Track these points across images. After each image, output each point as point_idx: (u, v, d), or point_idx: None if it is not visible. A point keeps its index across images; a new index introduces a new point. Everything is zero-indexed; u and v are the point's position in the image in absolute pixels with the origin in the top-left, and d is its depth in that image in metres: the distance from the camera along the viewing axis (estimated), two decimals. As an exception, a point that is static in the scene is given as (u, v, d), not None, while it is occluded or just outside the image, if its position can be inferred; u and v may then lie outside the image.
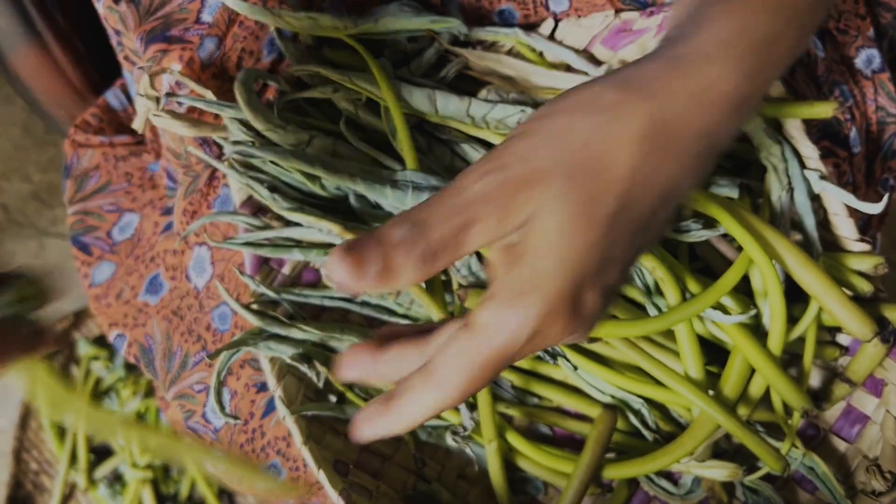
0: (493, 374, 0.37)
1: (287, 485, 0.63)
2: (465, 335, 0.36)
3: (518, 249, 0.36)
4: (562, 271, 0.36)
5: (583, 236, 0.36)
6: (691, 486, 0.64)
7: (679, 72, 0.38)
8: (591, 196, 0.36)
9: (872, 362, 0.60)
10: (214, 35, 0.57)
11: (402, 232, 0.35)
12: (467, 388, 0.36)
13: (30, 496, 1.14)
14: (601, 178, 0.36)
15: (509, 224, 0.36)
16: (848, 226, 0.61)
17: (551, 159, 0.36)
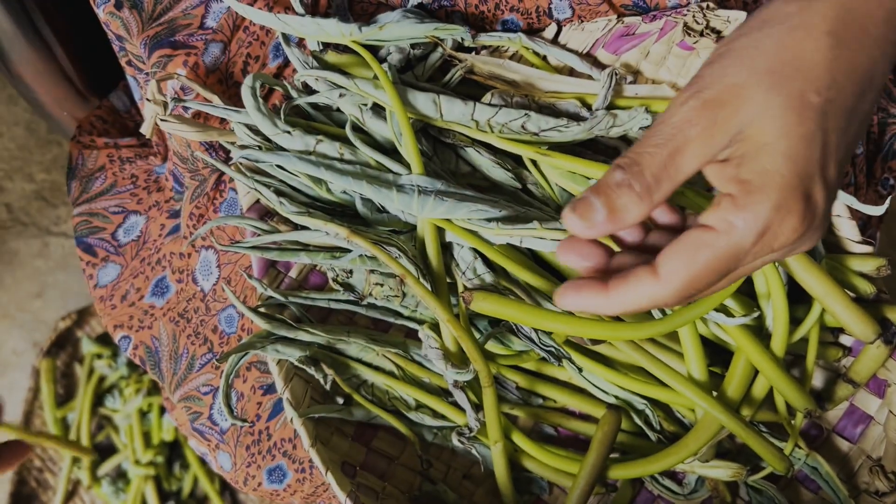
0: (718, 275, 0.38)
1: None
2: (691, 234, 0.37)
3: (736, 160, 0.37)
4: (786, 165, 0.36)
5: (798, 129, 0.37)
6: (695, 486, 0.65)
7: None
8: (796, 93, 0.37)
9: (875, 363, 0.61)
10: (219, 40, 0.57)
11: (619, 175, 0.37)
12: (690, 285, 0.37)
13: (34, 493, 1.15)
14: (801, 77, 0.37)
15: (717, 141, 0.37)
16: (850, 227, 0.61)
17: (746, 72, 0.37)
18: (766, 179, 0.37)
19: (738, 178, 0.37)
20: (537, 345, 0.61)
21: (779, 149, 0.37)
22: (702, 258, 0.37)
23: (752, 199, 0.37)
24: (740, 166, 0.37)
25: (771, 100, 0.37)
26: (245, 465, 0.65)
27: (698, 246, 0.37)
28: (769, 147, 0.37)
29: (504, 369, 0.65)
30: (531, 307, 0.51)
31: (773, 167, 0.37)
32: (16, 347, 1.21)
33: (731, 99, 0.37)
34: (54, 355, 1.18)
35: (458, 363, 0.61)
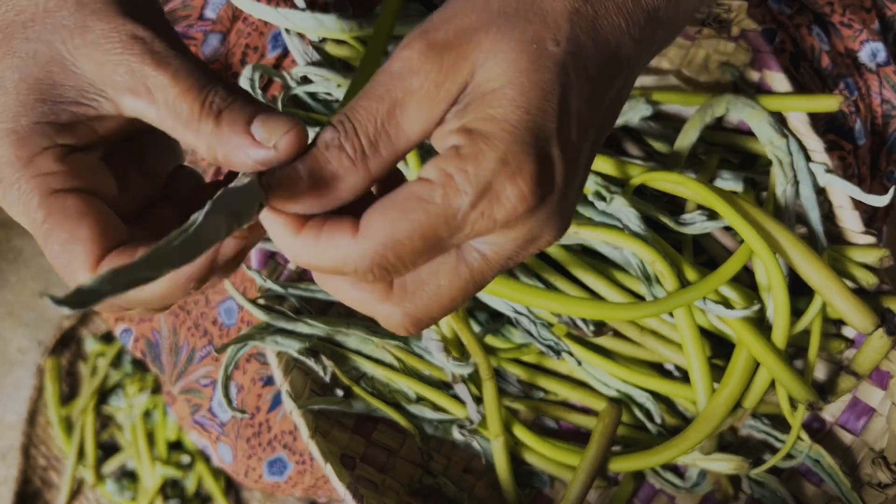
0: (427, 240, 0.31)
1: None
2: (404, 187, 0.32)
3: (460, 110, 0.32)
4: (516, 114, 0.31)
5: (533, 76, 0.32)
6: (697, 479, 0.64)
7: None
8: (531, 37, 0.32)
9: (878, 354, 0.60)
10: (218, 31, 0.58)
11: (329, 134, 0.32)
12: (389, 246, 0.31)
13: (38, 492, 1.15)
14: (539, 21, 0.32)
15: (444, 93, 0.32)
16: (853, 218, 0.61)
17: (478, 13, 0.32)
18: (492, 127, 0.31)
19: (461, 127, 0.31)
20: (536, 339, 0.61)
21: (509, 95, 0.31)
22: (409, 215, 0.31)
23: (476, 149, 0.31)
24: (464, 114, 0.31)
25: (503, 42, 0.32)
26: (246, 458, 0.65)
27: (408, 199, 0.31)
28: (498, 93, 0.31)
29: (505, 362, 0.65)
30: (521, 284, 0.51)
31: (501, 115, 0.31)
32: (20, 346, 1.22)
33: (460, 42, 0.32)
34: (59, 354, 1.18)
35: (458, 356, 0.61)
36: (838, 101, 0.58)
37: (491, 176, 0.31)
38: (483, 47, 0.32)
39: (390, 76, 0.32)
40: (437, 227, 0.31)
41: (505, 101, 0.31)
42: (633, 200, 0.59)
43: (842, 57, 0.66)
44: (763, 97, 0.61)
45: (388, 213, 0.31)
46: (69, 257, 0.32)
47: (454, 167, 0.31)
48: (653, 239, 0.58)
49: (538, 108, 0.31)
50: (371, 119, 0.31)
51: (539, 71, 0.31)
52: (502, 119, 0.31)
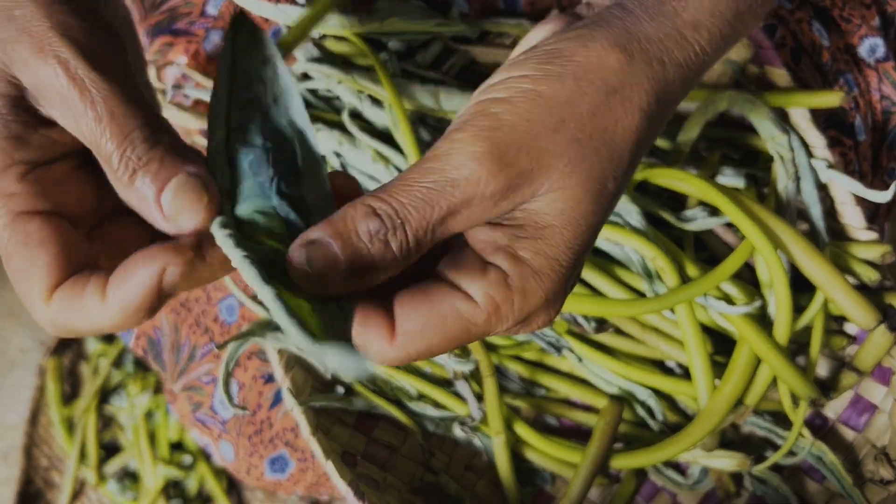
0: (456, 346, 0.32)
1: None
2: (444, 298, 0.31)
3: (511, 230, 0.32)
4: (566, 255, 0.32)
5: (589, 219, 0.32)
6: (699, 477, 0.64)
7: (675, 38, 0.34)
8: (598, 176, 0.32)
9: (880, 351, 0.60)
10: (220, 27, 0.58)
11: (374, 225, 0.30)
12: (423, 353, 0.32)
13: (40, 492, 1.15)
14: (607, 154, 0.32)
15: (500, 209, 0.32)
16: (855, 214, 0.61)
17: (556, 136, 0.31)
18: (543, 267, 0.32)
19: (512, 252, 0.31)
20: (537, 336, 0.61)
21: (565, 236, 0.32)
22: (448, 333, 0.31)
23: (525, 285, 0.31)
24: (517, 240, 0.31)
25: (570, 177, 0.31)
26: (247, 455, 0.65)
27: (450, 318, 0.31)
28: (556, 231, 0.32)
29: (506, 359, 0.65)
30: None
31: (553, 254, 0.32)
32: (22, 346, 1.22)
33: (531, 166, 0.31)
34: (60, 354, 1.18)
35: (459, 353, 0.61)
36: (840, 97, 0.58)
37: (533, 309, 0.32)
38: (551, 176, 0.31)
39: (452, 184, 0.31)
40: (472, 339, 0.32)
41: (560, 242, 0.32)
42: (635, 197, 0.59)
43: (841, 52, 0.66)
44: (764, 93, 0.61)
45: (429, 328, 0.31)
46: (27, 286, 0.31)
47: (502, 298, 0.31)
48: (654, 235, 0.58)
49: (585, 245, 0.32)
50: (424, 222, 0.31)
51: (596, 213, 0.32)
52: (554, 258, 0.32)
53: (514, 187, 0.31)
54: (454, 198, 0.31)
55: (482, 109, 0.32)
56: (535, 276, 0.31)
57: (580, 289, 0.59)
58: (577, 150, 0.32)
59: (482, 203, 0.31)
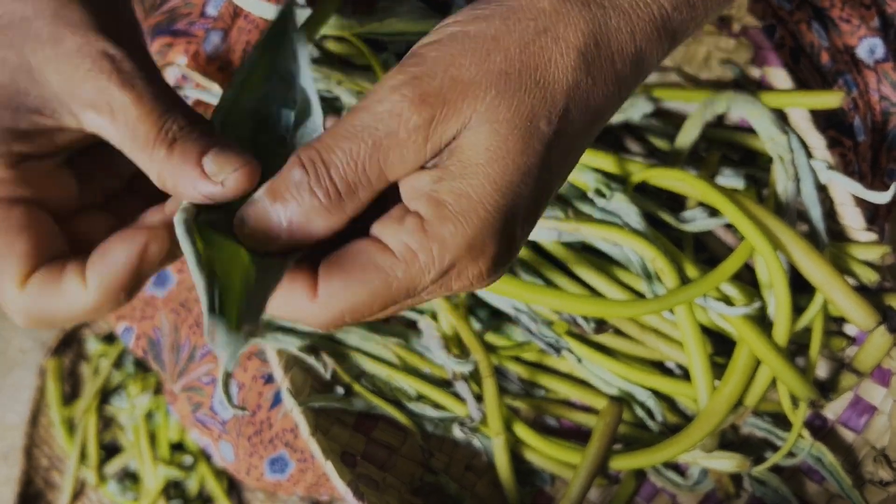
0: (384, 306, 0.31)
1: None
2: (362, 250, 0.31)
3: (440, 171, 0.31)
4: (492, 197, 0.31)
5: (518, 159, 0.31)
6: (699, 478, 0.64)
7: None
8: (527, 112, 0.31)
9: (880, 352, 0.60)
10: (220, 28, 0.58)
11: (298, 174, 0.30)
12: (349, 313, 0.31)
13: (40, 493, 1.15)
14: (539, 94, 0.31)
15: (431, 145, 0.31)
16: (855, 215, 0.61)
17: (481, 67, 0.31)
18: (465, 207, 0.30)
19: (433, 195, 0.31)
20: (536, 336, 0.61)
21: (490, 174, 0.30)
22: (370, 286, 0.30)
23: (444, 230, 0.30)
24: (440, 182, 0.31)
25: (498, 110, 0.30)
26: (247, 456, 0.65)
27: (368, 270, 0.31)
28: (479, 169, 0.30)
29: (505, 360, 0.65)
30: (521, 282, 0.51)
31: (477, 195, 0.30)
32: (22, 346, 1.22)
33: (454, 96, 0.30)
34: (61, 354, 1.18)
35: (458, 353, 0.61)
36: (840, 98, 0.58)
37: (455, 258, 0.31)
38: (477, 107, 0.31)
39: (375, 118, 0.30)
40: (397, 296, 0.31)
41: (484, 180, 0.30)
42: (634, 197, 0.59)
43: (840, 53, 0.66)
44: (764, 94, 0.61)
45: (348, 283, 0.31)
46: (1, 268, 0.32)
47: (418, 244, 0.30)
48: (653, 236, 0.58)
49: (515, 190, 0.31)
50: (351, 162, 0.30)
51: (525, 153, 0.31)
52: (477, 200, 0.30)
53: (439, 119, 0.30)
54: (378, 132, 0.30)
55: (411, 52, 0.32)
56: (454, 220, 0.30)
57: (580, 289, 0.59)
58: (504, 83, 0.31)
59: (409, 138, 0.30)
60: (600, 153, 0.58)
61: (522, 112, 0.31)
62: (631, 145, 0.64)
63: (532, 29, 0.31)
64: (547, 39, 0.31)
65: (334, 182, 0.30)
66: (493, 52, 0.31)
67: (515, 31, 0.31)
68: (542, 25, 0.31)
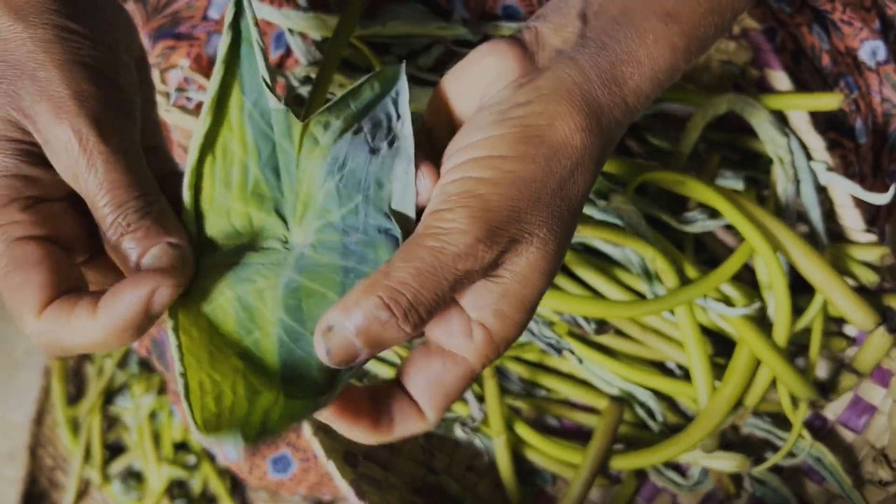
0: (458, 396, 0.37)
1: None
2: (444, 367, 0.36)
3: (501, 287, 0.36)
4: (538, 296, 0.37)
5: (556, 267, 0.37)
6: (699, 478, 0.64)
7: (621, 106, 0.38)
8: (567, 233, 0.37)
9: (879, 352, 0.60)
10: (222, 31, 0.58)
11: (384, 315, 0.33)
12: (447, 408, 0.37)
13: (45, 492, 1.15)
14: (572, 216, 0.37)
15: (493, 271, 0.36)
16: (854, 217, 0.61)
17: (534, 207, 0.36)
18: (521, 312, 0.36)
19: (498, 309, 0.36)
20: (537, 337, 0.61)
21: (538, 285, 0.36)
22: (461, 389, 0.37)
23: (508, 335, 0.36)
24: (502, 299, 0.36)
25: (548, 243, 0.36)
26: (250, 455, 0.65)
27: (458, 381, 0.36)
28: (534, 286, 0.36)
29: (506, 360, 0.65)
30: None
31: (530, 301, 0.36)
32: (27, 347, 1.22)
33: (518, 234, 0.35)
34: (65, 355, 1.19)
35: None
36: (839, 100, 0.58)
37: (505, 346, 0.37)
38: (534, 242, 0.36)
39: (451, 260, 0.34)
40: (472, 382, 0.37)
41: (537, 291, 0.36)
42: (635, 199, 0.59)
43: (842, 56, 0.66)
44: (764, 96, 0.61)
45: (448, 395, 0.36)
46: (21, 300, 0.34)
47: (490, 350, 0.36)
48: (654, 237, 0.58)
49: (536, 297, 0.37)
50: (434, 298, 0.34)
51: (559, 260, 0.37)
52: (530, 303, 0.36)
53: (503, 254, 0.35)
54: (458, 272, 0.34)
55: (470, 190, 0.35)
56: (514, 325, 0.36)
57: (581, 290, 0.60)
58: (550, 218, 0.36)
59: (479, 273, 0.35)
60: (601, 155, 0.58)
61: (564, 235, 0.37)
62: (632, 146, 0.65)
63: (569, 168, 0.36)
64: (578, 174, 0.37)
65: (421, 316, 0.34)
66: (542, 196, 0.36)
67: (557, 173, 0.36)
68: (575, 163, 0.37)
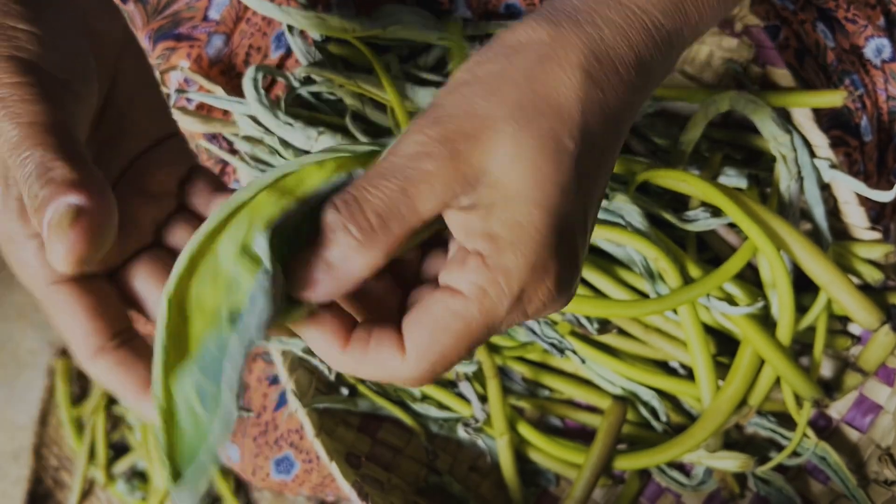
0: (470, 347, 0.33)
1: None
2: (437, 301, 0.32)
3: (483, 210, 0.32)
4: (542, 218, 0.32)
5: (554, 178, 0.32)
6: (703, 477, 0.64)
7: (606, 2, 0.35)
8: (550, 134, 0.32)
9: (884, 351, 0.60)
10: (222, 32, 0.58)
11: (332, 215, 0.31)
12: (439, 362, 0.33)
13: (50, 492, 1.16)
14: (554, 116, 0.33)
15: (459, 179, 0.32)
16: (858, 214, 0.61)
17: (494, 103, 0.32)
18: (519, 234, 0.31)
19: (487, 231, 0.32)
20: (540, 337, 0.61)
21: (534, 199, 0.32)
22: (452, 333, 0.32)
23: (505, 259, 0.31)
24: (489, 217, 0.32)
25: (522, 140, 0.32)
26: (253, 456, 0.65)
27: (447, 318, 0.32)
28: (522, 196, 0.32)
29: (509, 360, 0.65)
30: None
31: (527, 221, 0.32)
32: (31, 347, 1.22)
33: (476, 132, 0.32)
34: (69, 355, 1.19)
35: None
36: (842, 97, 0.58)
37: (523, 283, 0.32)
38: (502, 140, 0.32)
39: (402, 158, 0.32)
40: (479, 335, 0.32)
41: (530, 206, 0.32)
42: (637, 197, 0.59)
43: (847, 53, 0.66)
44: (767, 93, 0.61)
45: (432, 334, 0.32)
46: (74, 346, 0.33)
47: (486, 280, 0.31)
48: (656, 236, 0.58)
49: (559, 208, 0.32)
50: (383, 197, 0.31)
51: (559, 171, 0.32)
52: (528, 225, 0.31)
53: (463, 151, 0.32)
54: (407, 169, 0.31)
55: (430, 103, 0.34)
56: (512, 248, 0.32)
57: (583, 290, 0.59)
58: (520, 113, 0.32)
59: (437, 171, 0.31)
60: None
61: (545, 135, 0.32)
62: (634, 145, 0.64)
63: (534, 59, 0.33)
64: (551, 65, 0.33)
65: (367, 217, 0.31)
66: (503, 87, 0.33)
67: (519, 64, 0.33)
68: (543, 54, 0.33)
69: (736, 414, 0.59)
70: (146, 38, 0.59)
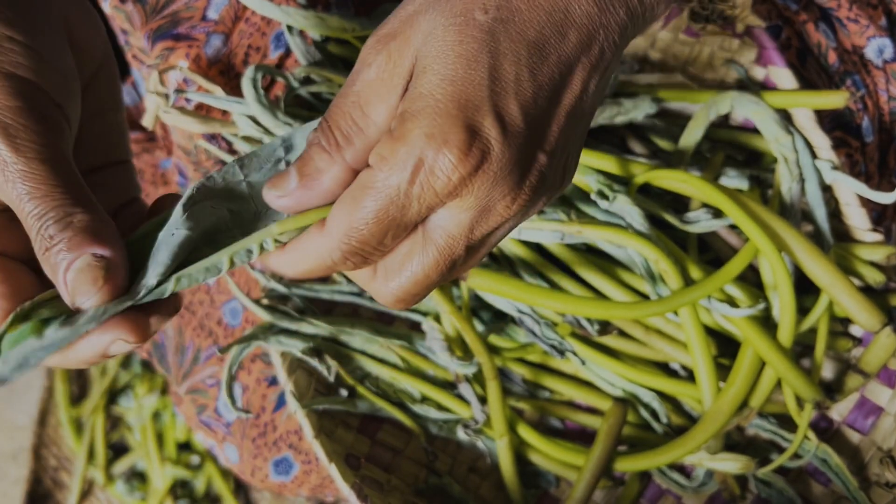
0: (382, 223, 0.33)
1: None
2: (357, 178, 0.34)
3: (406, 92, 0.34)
4: (441, 87, 0.32)
5: (458, 48, 0.32)
6: (704, 479, 0.64)
7: None
8: (459, 10, 0.33)
9: (886, 353, 0.60)
10: (221, 32, 0.58)
11: (310, 136, 0.35)
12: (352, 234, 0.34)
13: (49, 492, 1.15)
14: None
15: (396, 78, 0.33)
16: (860, 216, 0.61)
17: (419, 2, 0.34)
18: (419, 104, 0.32)
19: (399, 110, 0.33)
20: (540, 338, 0.61)
21: (436, 69, 0.32)
22: (359, 203, 0.33)
23: (405, 128, 0.32)
24: (405, 98, 0.33)
25: (435, 20, 0.33)
26: (252, 457, 0.65)
27: (356, 188, 0.33)
28: (427, 69, 0.32)
29: (509, 362, 0.65)
30: (525, 284, 0.51)
31: (427, 90, 0.32)
32: (31, 347, 1.22)
33: (402, 29, 0.34)
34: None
35: (462, 355, 0.61)
36: (845, 98, 0.58)
37: (420, 151, 0.32)
38: (421, 28, 0.33)
39: (352, 74, 0.35)
40: (386, 207, 0.33)
41: (431, 76, 0.32)
42: (638, 199, 0.59)
43: (848, 53, 0.66)
44: (768, 94, 0.60)
45: (343, 204, 0.34)
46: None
47: (387, 149, 0.33)
48: (657, 237, 0.57)
49: (464, 78, 0.32)
50: (342, 114, 0.34)
51: (464, 42, 0.32)
52: (428, 94, 0.32)
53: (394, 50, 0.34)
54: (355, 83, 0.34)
55: None
56: (411, 118, 0.32)
57: (583, 291, 0.59)
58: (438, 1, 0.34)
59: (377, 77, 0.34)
60: (603, 154, 0.57)
61: (456, 12, 0.33)
62: (634, 146, 0.64)
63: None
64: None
65: (333, 131, 0.34)
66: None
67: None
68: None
69: (737, 416, 0.59)
70: (145, 37, 0.58)
